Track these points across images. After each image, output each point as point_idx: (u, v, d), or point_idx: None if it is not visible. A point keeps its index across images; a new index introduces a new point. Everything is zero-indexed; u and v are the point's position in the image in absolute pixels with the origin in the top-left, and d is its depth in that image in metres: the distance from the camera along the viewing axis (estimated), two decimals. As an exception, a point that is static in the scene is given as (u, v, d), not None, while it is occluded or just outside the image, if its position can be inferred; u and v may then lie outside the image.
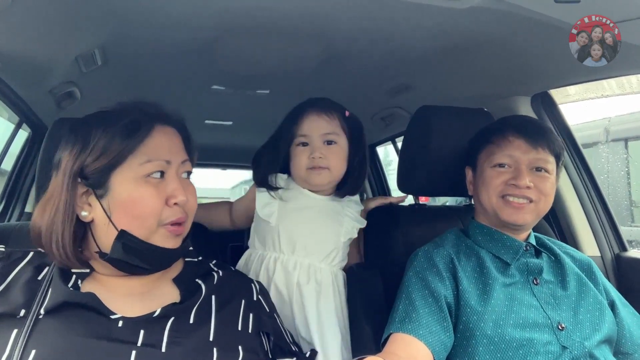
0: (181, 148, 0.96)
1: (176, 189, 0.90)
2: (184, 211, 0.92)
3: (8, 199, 2.21)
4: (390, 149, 3.42)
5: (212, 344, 0.85)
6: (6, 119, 2.17)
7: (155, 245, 0.88)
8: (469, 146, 1.31)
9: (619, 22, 1.09)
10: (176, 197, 0.89)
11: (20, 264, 0.88)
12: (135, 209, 0.87)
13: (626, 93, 3.23)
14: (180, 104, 1.05)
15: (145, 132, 0.91)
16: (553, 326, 1.10)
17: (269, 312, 1.01)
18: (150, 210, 0.87)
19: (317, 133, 1.33)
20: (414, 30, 1.41)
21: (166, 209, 0.89)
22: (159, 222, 0.88)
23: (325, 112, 1.35)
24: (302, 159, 1.33)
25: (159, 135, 0.92)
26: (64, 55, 1.58)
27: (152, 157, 0.89)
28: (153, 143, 0.91)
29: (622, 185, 3.85)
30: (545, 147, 1.17)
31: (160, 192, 0.89)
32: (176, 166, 0.93)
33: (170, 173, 0.92)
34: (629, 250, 1.70)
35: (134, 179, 0.88)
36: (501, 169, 1.19)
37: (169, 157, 0.91)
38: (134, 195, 0.87)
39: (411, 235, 1.40)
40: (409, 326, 1.06)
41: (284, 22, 1.40)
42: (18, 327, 0.78)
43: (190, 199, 0.93)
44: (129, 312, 0.85)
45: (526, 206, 1.16)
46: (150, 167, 0.89)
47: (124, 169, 0.88)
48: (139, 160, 0.88)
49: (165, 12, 1.35)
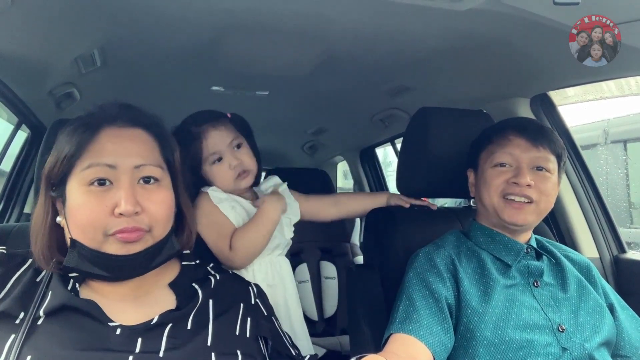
0: (139, 151, 0.87)
1: (122, 197, 0.81)
2: (138, 222, 0.82)
3: (7, 200, 2.20)
4: (389, 150, 3.42)
5: (210, 348, 0.84)
6: (5, 120, 2.16)
7: (108, 254, 0.81)
8: (470, 148, 1.31)
9: (619, 24, 1.09)
10: (119, 206, 0.81)
11: (21, 269, 0.87)
12: (77, 218, 0.82)
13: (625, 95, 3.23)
14: (179, 105, 1.04)
15: (89, 136, 0.85)
16: (553, 328, 1.10)
17: (266, 315, 1.00)
18: (89, 221, 0.81)
19: (224, 144, 1.33)
20: (414, 31, 1.42)
21: (111, 219, 0.81)
22: (105, 233, 0.81)
23: (219, 124, 1.35)
24: (225, 173, 1.33)
25: (105, 137, 0.86)
26: (64, 56, 1.58)
27: (92, 162, 0.83)
28: (96, 147, 0.85)
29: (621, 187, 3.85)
30: (546, 146, 1.17)
31: (104, 200, 0.81)
32: (127, 171, 0.84)
33: (118, 179, 0.83)
34: (628, 252, 1.70)
35: (79, 186, 0.83)
36: (502, 168, 1.19)
37: (113, 161, 0.83)
38: (77, 204, 0.82)
39: (410, 236, 1.40)
40: (410, 327, 1.06)
41: (284, 24, 1.40)
42: (15, 332, 0.77)
43: (150, 207, 0.84)
44: (126, 320, 0.84)
45: (527, 206, 1.16)
46: (89, 173, 0.82)
47: (74, 176, 0.84)
48: (81, 166, 0.83)
49: (164, 14, 1.35)
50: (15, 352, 0.74)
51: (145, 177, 0.86)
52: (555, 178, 1.19)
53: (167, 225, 0.88)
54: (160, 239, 0.86)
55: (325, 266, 2.66)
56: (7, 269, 0.86)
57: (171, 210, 0.90)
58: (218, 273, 1.01)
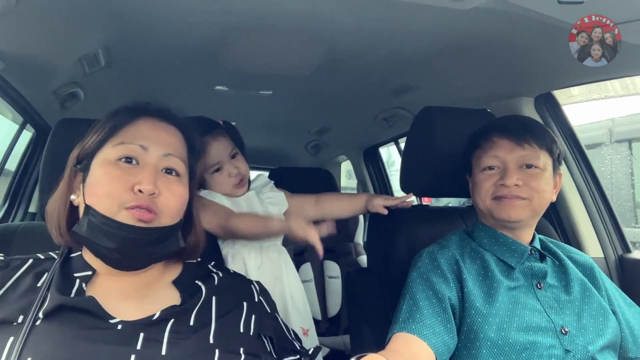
0: (170, 143, 0.92)
1: (145, 176, 0.85)
2: (152, 202, 0.85)
3: (12, 199, 2.22)
4: (393, 149, 3.42)
5: (213, 345, 0.85)
6: (10, 120, 2.18)
7: (117, 221, 0.82)
8: (462, 154, 1.31)
9: (624, 23, 1.09)
10: (141, 183, 0.84)
11: (18, 271, 0.87)
12: (96, 188, 0.85)
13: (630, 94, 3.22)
14: (183, 104, 1.04)
15: (128, 119, 0.91)
16: (556, 330, 1.09)
17: (270, 312, 1.00)
18: (108, 191, 0.84)
19: (224, 155, 1.42)
20: (418, 31, 1.41)
21: (129, 193, 0.84)
22: (120, 205, 0.83)
23: (218, 134, 1.42)
24: (225, 181, 1.42)
25: (143, 124, 0.92)
26: (68, 56, 1.59)
27: (126, 140, 0.88)
28: (133, 129, 0.90)
29: (625, 187, 3.83)
30: (533, 143, 1.16)
31: (127, 176, 0.85)
32: (155, 156, 0.89)
33: (145, 161, 0.88)
34: (633, 251, 1.69)
35: (105, 160, 0.87)
36: (490, 171, 1.19)
37: (146, 143, 0.89)
38: (99, 175, 0.86)
39: (413, 236, 1.40)
40: (413, 326, 1.06)
41: (287, 23, 1.40)
42: (14, 335, 0.77)
43: (166, 194, 0.87)
44: (128, 316, 0.84)
45: (519, 202, 1.15)
46: (121, 149, 0.87)
47: (103, 152, 0.88)
48: (113, 142, 0.89)
49: (168, 13, 1.35)
50: (16, 354, 0.74)
51: (168, 168, 0.90)
52: (548, 173, 1.18)
53: (175, 216, 0.90)
54: (166, 225, 0.88)
55: (329, 265, 2.66)
56: (5, 272, 0.86)
57: (183, 205, 0.92)
58: (220, 271, 1.02)
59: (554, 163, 1.20)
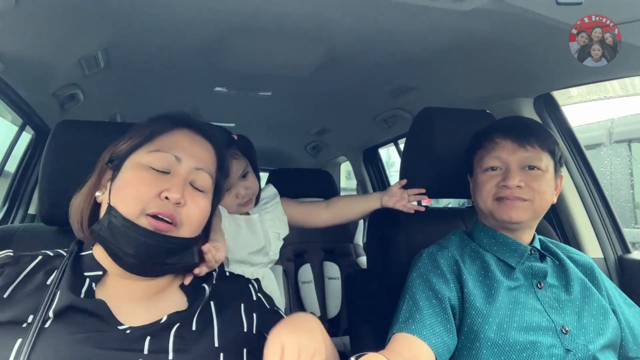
0: (203, 157, 0.93)
1: (175, 184, 0.86)
2: (176, 212, 0.85)
3: (12, 201, 2.21)
4: (392, 150, 3.42)
5: (219, 349, 0.85)
6: (10, 121, 2.18)
7: (137, 224, 0.82)
8: (464, 155, 1.31)
9: (623, 24, 1.09)
10: (169, 191, 0.84)
11: (27, 268, 0.87)
12: (124, 189, 0.86)
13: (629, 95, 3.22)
14: (182, 106, 1.04)
15: (167, 128, 0.93)
16: (557, 329, 1.09)
17: (269, 308, 1.00)
18: (135, 194, 0.84)
19: (236, 176, 1.41)
20: (417, 31, 1.42)
21: (155, 199, 0.84)
22: (142, 209, 0.83)
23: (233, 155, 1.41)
24: (232, 201, 1.42)
25: (179, 134, 0.93)
26: (67, 57, 1.59)
27: (162, 148, 0.90)
28: (170, 138, 0.92)
29: (625, 187, 3.84)
30: (535, 145, 1.17)
31: (157, 182, 0.86)
32: (187, 168, 0.90)
33: (176, 171, 0.89)
34: (632, 252, 1.70)
35: (138, 164, 0.88)
36: (492, 172, 1.19)
37: (180, 154, 0.90)
38: (129, 176, 0.87)
39: (413, 237, 1.40)
40: (413, 326, 1.06)
41: (287, 24, 1.40)
42: (22, 337, 0.76)
43: (191, 205, 0.87)
44: (135, 320, 0.84)
45: (520, 203, 1.15)
46: (155, 157, 0.88)
47: (137, 155, 0.89)
48: (148, 148, 0.90)
49: (167, 15, 1.35)
50: (25, 355, 0.74)
51: (196, 183, 0.91)
52: (550, 175, 1.18)
53: (195, 229, 0.90)
54: (185, 237, 0.88)
55: (329, 267, 2.66)
56: (14, 268, 0.86)
57: (204, 219, 0.93)
58: (215, 272, 1.02)
59: (556, 165, 1.20)
